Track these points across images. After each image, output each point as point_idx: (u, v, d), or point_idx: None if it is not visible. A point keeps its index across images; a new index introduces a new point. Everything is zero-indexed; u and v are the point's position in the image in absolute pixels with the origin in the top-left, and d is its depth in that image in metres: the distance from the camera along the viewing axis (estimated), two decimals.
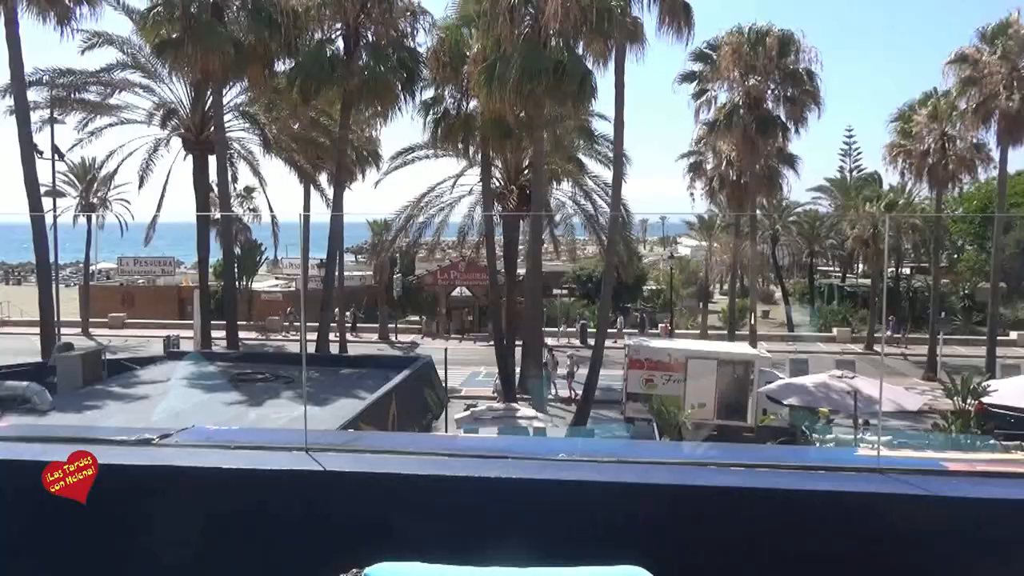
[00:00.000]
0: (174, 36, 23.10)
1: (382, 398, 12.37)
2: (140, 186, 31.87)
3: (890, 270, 43.95)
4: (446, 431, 18.03)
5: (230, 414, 11.53)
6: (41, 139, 27.86)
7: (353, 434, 3.20)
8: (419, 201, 31.39)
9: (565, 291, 45.90)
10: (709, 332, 39.13)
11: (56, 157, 31.18)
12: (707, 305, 44.72)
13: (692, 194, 36.74)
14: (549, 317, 38.16)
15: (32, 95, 24.88)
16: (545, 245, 30.02)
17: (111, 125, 29.53)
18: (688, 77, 31.02)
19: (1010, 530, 2.14)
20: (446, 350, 25.62)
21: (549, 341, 32.85)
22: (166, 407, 11.83)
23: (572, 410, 25.06)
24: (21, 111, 23.06)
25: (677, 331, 38.34)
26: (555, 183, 30.81)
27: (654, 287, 48.07)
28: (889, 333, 37.41)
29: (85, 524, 2.41)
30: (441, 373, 20.23)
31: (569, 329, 40.41)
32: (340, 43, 24.57)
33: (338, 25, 24.54)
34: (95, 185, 42.52)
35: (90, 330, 39.59)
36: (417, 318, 43.58)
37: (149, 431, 2.70)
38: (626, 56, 22.40)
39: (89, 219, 43.31)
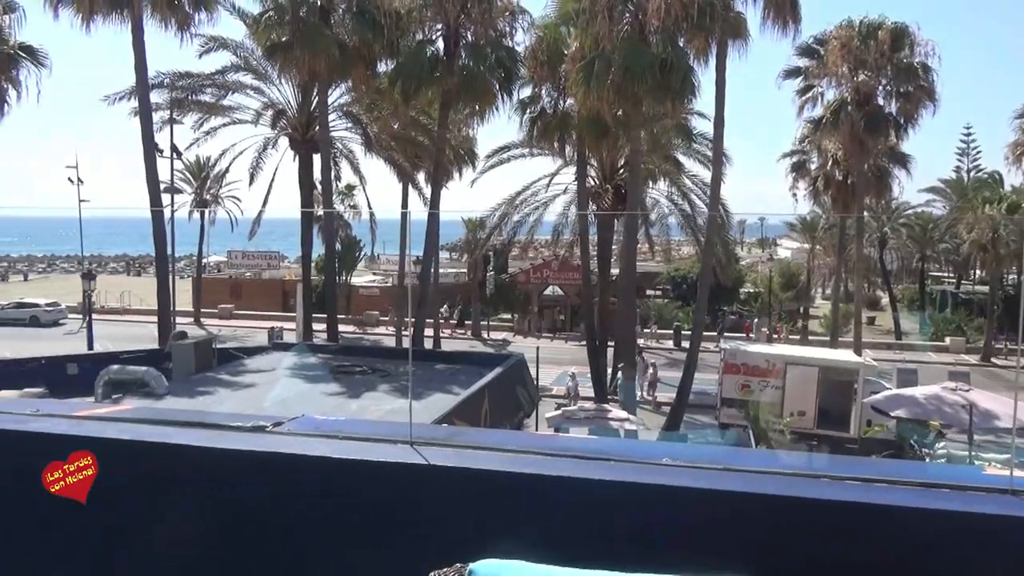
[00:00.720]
0: (284, 39, 24.07)
1: (475, 394, 12.51)
2: (250, 183, 33.40)
3: (1010, 276, 41.18)
4: (536, 429, 18.08)
5: (330, 404, 11.93)
6: (161, 139, 29.62)
7: (455, 429, 3.22)
8: (514, 199, 31.58)
9: (659, 292, 45.22)
10: (810, 338, 37.72)
11: (174, 156, 33.06)
12: (808, 310, 43.11)
13: (795, 194, 35.47)
14: (642, 318, 37.69)
15: (154, 97, 26.48)
16: (640, 245, 29.61)
17: (224, 125, 31.06)
18: (793, 73, 29.97)
19: None
20: (538, 349, 25.65)
21: (641, 343, 32.45)
22: (274, 396, 12.32)
23: (662, 414, 24.67)
24: (144, 112, 24.58)
25: (772, 336, 37.15)
26: (651, 182, 30.39)
27: (751, 290, 46.72)
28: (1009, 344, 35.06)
29: (203, 504, 2.54)
30: (533, 372, 20.31)
31: (661, 331, 39.79)
32: (440, 43, 24.99)
33: (438, 26, 24.95)
34: (208, 182, 44.84)
35: (201, 320, 41.75)
36: (509, 316, 43.87)
37: (261, 418, 2.81)
38: (728, 52, 21.86)
39: (202, 214, 45.77)
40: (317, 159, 27.67)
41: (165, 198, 32.25)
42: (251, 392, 12.95)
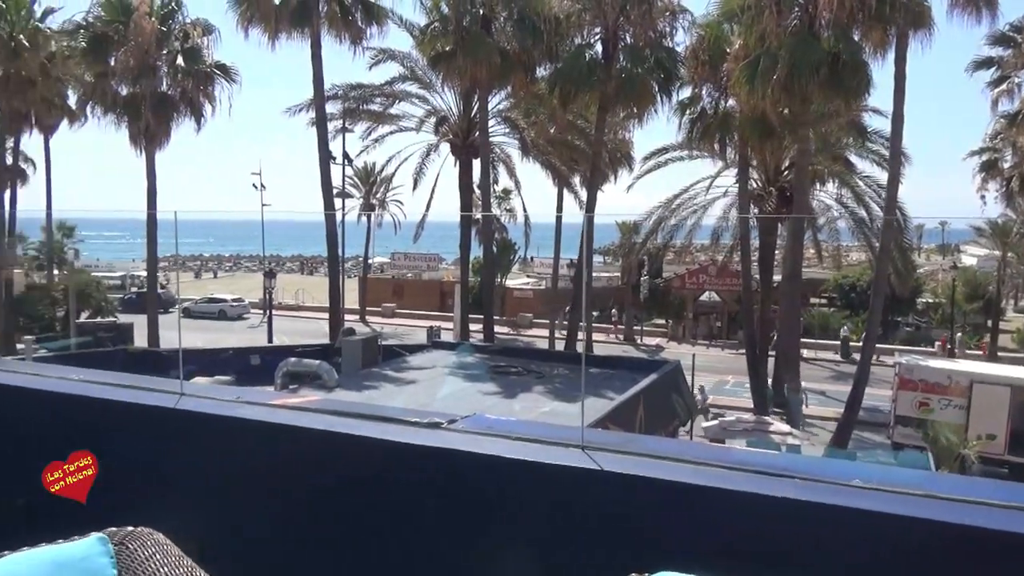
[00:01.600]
0: (447, 49, 24.96)
1: (630, 400, 12.37)
2: (414, 188, 34.94)
3: None
4: (691, 438, 17.61)
5: (487, 403, 12.21)
6: (334, 147, 31.60)
7: (628, 436, 3.16)
8: (671, 203, 30.97)
9: (824, 300, 42.74)
10: (999, 354, 34.24)
11: (346, 163, 35.17)
12: (997, 323, 39.16)
13: (983, 196, 32.39)
14: (805, 327, 35.76)
15: (328, 108, 28.28)
16: (805, 250, 28.13)
17: (391, 133, 32.72)
18: (984, 63, 27.42)
19: None
20: (693, 356, 25.01)
21: (804, 353, 30.78)
22: (443, 394, 12.77)
23: (823, 429, 23.24)
24: (320, 122, 26.33)
25: (953, 351, 34.03)
26: (818, 184, 28.80)
27: (930, 300, 43.08)
28: None
29: (382, 497, 2.64)
30: (688, 379, 19.80)
31: (825, 341, 37.55)
32: (599, 47, 24.97)
33: (597, 29, 24.95)
34: (375, 187, 47.31)
35: (366, 317, 44.05)
36: (663, 321, 43.07)
37: (435, 415, 2.89)
38: (908, 43, 20.31)
39: (369, 218, 48.36)
40: (476, 164, 28.48)
41: (337, 202, 34.32)
42: (416, 388, 13.50)
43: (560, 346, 30.43)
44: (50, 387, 3.27)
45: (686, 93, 25.50)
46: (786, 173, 27.23)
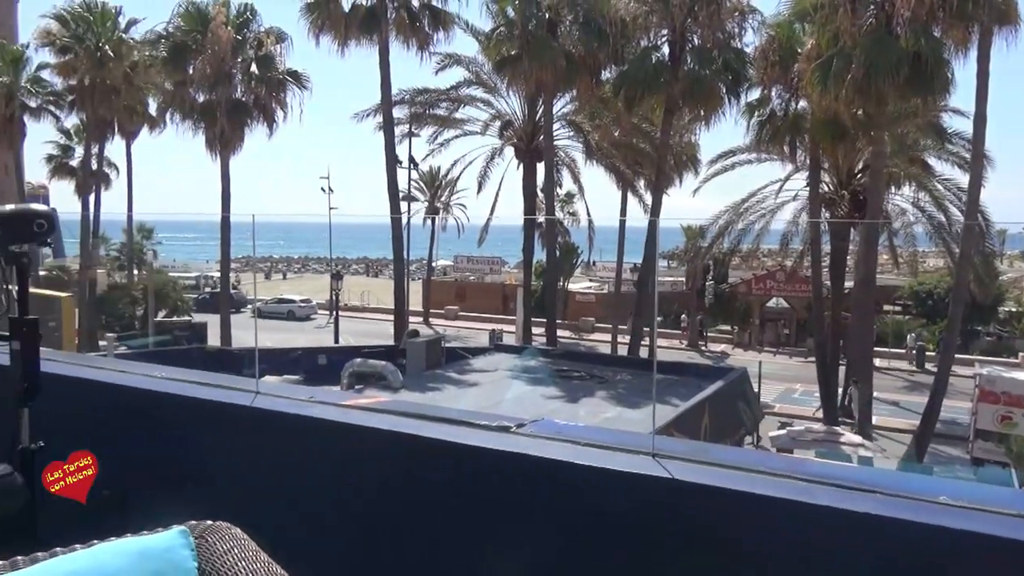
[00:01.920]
0: (512, 53, 25.05)
1: (696, 407, 12.18)
2: (478, 191, 35.19)
3: None
4: (755, 447, 17.22)
5: (549, 407, 12.19)
6: (400, 151, 32.06)
7: (699, 444, 3.12)
8: (738, 206, 30.37)
9: (898, 308, 41.24)
10: None
11: (412, 166, 35.65)
12: None
13: None
14: (878, 335, 34.57)
15: (395, 112, 28.73)
16: (879, 255, 27.19)
17: (456, 137, 33.01)
18: None
19: None
20: (760, 363, 24.48)
21: (877, 362, 29.76)
22: (505, 397, 12.82)
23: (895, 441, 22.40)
24: (388, 127, 26.77)
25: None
26: (893, 187, 27.83)
27: (1014, 309, 41.12)
28: None
29: (450, 500, 2.66)
30: (755, 387, 19.38)
31: (899, 350, 36.25)
32: (665, 49, 24.69)
33: (664, 31, 24.67)
34: (440, 191, 47.84)
35: (429, 319, 44.55)
36: (728, 327, 42.29)
37: (504, 419, 2.89)
38: (992, 41, 19.44)
39: (433, 221, 48.92)
40: (540, 168, 28.49)
41: (402, 206, 34.83)
42: (479, 391, 13.58)
43: (623, 351, 30.15)
44: (134, 383, 3.41)
45: (755, 95, 25.04)
46: (859, 176, 26.40)
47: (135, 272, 38.64)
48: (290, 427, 2.92)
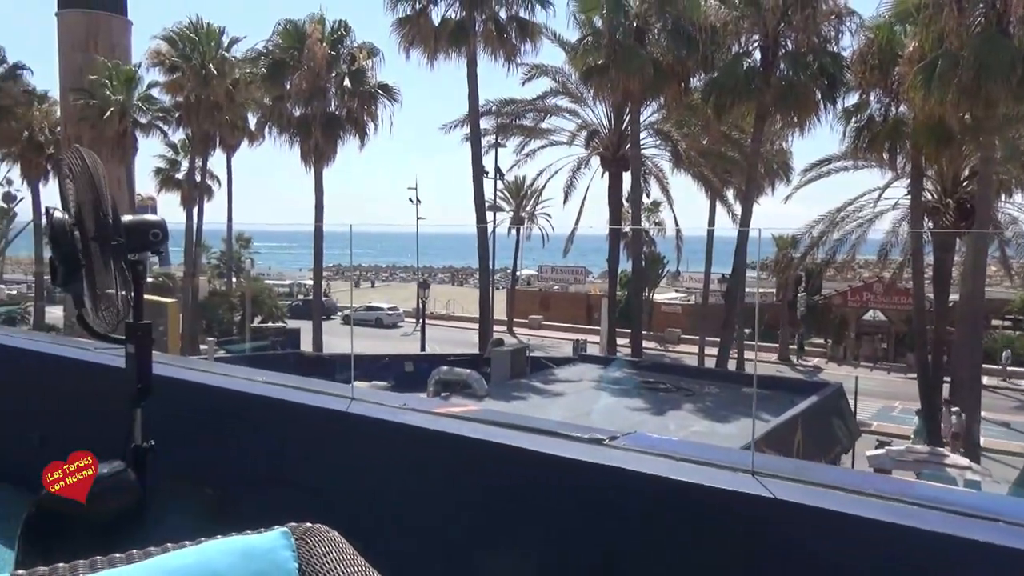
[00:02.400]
0: (599, 63, 24.96)
1: (788, 423, 11.76)
2: (564, 201, 35.12)
3: None
4: (852, 467, 16.51)
5: (635, 420, 12.02)
6: (486, 161, 32.37)
7: (799, 463, 2.99)
8: (833, 216, 29.27)
9: (1009, 322, 38.84)
10: None
11: (498, 177, 35.96)
12: None
13: None
14: (986, 352, 32.62)
15: (481, 123, 29.05)
16: (988, 267, 25.66)
17: (542, 147, 33.10)
18: None
19: None
20: (856, 379, 23.50)
21: (985, 380, 28.05)
22: (590, 408, 12.73)
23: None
24: (475, 138, 27.11)
25: None
26: (1004, 195, 26.27)
27: None
28: None
29: (536, 509, 2.64)
30: (851, 403, 18.60)
31: (1014, 368, 34.08)
32: (757, 55, 24.10)
33: (755, 37, 24.09)
34: (525, 201, 48.08)
35: (513, 328, 44.75)
36: (821, 341, 40.80)
37: (592, 430, 2.85)
38: None
39: (518, 231, 49.18)
40: (626, 177, 28.25)
41: (488, 216, 35.15)
42: (564, 401, 13.52)
43: (710, 364, 29.49)
44: (236, 386, 3.54)
45: (852, 100, 24.10)
46: (966, 183, 25.03)
47: (233, 279, 40.39)
48: (384, 433, 2.97)
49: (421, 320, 38.43)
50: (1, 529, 3.62)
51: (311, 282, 35.53)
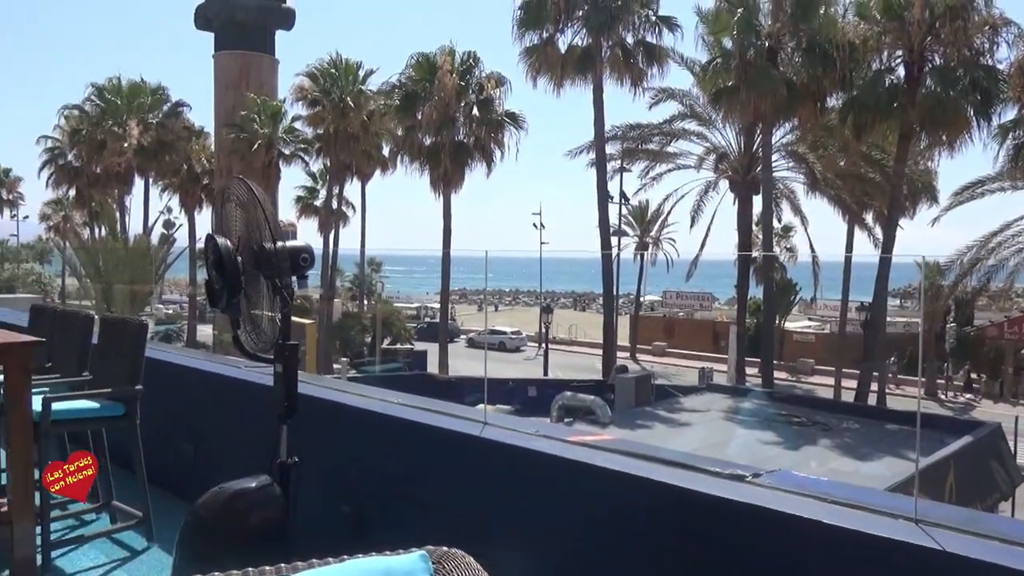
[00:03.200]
0: (729, 84, 24.42)
1: (938, 464, 10.88)
2: (691, 226, 34.43)
3: None
4: (1012, 515, 15.06)
5: (768, 454, 11.47)
6: (611, 186, 32.28)
7: (969, 512, 2.73)
8: (988, 240, 27.10)
9: None
10: None
11: (622, 202, 35.75)
12: None
13: None
14: None
15: (607, 148, 29.04)
16: None
17: (668, 171, 32.63)
18: None
19: None
20: (1016, 418, 21.51)
21: None
22: (720, 440, 12.30)
23: None
24: (600, 163, 27.11)
25: None
26: None
27: None
28: None
29: (672, 545, 2.53)
30: (1010, 445, 17.01)
31: None
32: (900, 71, 22.84)
33: (899, 52, 22.85)
34: (650, 225, 47.48)
35: (636, 355, 44.07)
36: (975, 376, 37.69)
37: (738, 467, 2.71)
38: None
39: (642, 256, 48.58)
40: (756, 200, 27.38)
41: (612, 241, 34.94)
42: (692, 432, 13.13)
43: (847, 397, 27.86)
44: (373, 407, 3.62)
45: (1010, 115, 22.38)
46: None
47: (364, 301, 42.08)
48: (516, 459, 2.95)
49: (544, 344, 38.55)
50: (161, 534, 3.87)
51: (436, 305, 36.48)
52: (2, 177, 59.25)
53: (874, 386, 27.96)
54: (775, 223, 34.44)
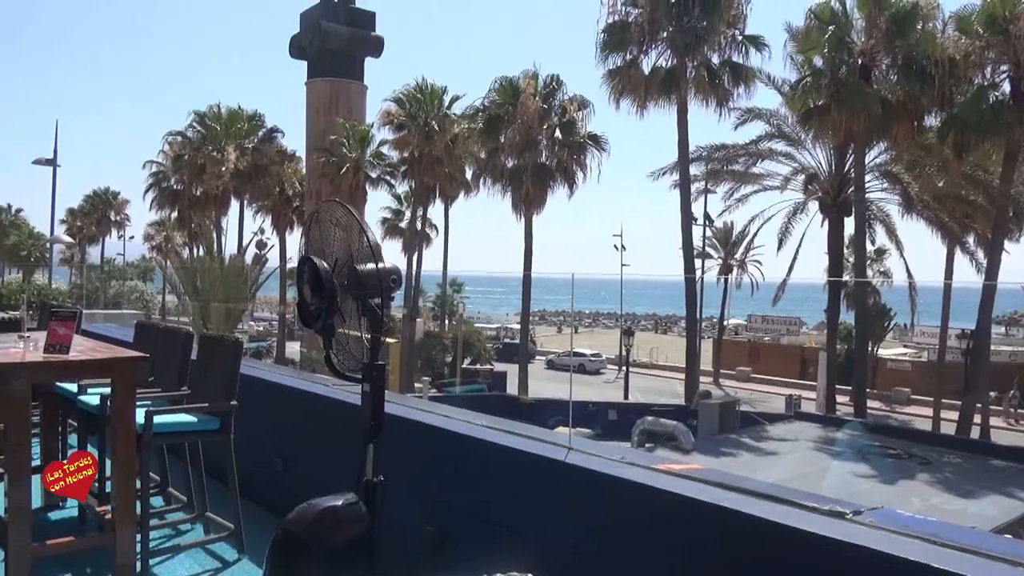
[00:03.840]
0: (820, 103, 23.73)
1: None
2: (778, 248, 33.45)
3: None
4: None
5: (860, 487, 10.95)
6: (695, 208, 31.73)
7: None
8: None
9: None
10: None
11: (706, 224, 35.13)
12: None
13: None
14: None
15: (691, 170, 28.59)
16: None
17: (754, 192, 31.87)
18: None
19: None
20: None
21: None
22: (810, 471, 11.84)
23: None
24: (684, 185, 26.74)
25: None
26: None
27: None
28: None
29: None
30: None
31: None
32: (1006, 86, 21.71)
33: (1003, 68, 21.75)
34: (734, 248, 46.48)
35: (719, 380, 42.98)
36: None
37: (837, 503, 2.58)
38: None
39: (726, 279, 47.54)
40: (848, 222, 26.42)
41: (696, 263, 34.32)
42: (779, 462, 12.67)
43: (947, 429, 26.36)
44: (457, 428, 3.63)
45: None
46: None
47: (446, 322, 42.59)
48: (600, 486, 2.89)
49: (625, 367, 38.08)
50: (251, 546, 3.97)
51: (515, 325, 36.58)
52: (111, 199, 63.13)
53: (977, 418, 26.39)
54: (868, 246, 33.13)
